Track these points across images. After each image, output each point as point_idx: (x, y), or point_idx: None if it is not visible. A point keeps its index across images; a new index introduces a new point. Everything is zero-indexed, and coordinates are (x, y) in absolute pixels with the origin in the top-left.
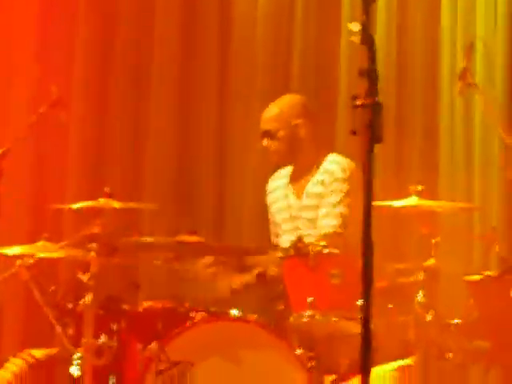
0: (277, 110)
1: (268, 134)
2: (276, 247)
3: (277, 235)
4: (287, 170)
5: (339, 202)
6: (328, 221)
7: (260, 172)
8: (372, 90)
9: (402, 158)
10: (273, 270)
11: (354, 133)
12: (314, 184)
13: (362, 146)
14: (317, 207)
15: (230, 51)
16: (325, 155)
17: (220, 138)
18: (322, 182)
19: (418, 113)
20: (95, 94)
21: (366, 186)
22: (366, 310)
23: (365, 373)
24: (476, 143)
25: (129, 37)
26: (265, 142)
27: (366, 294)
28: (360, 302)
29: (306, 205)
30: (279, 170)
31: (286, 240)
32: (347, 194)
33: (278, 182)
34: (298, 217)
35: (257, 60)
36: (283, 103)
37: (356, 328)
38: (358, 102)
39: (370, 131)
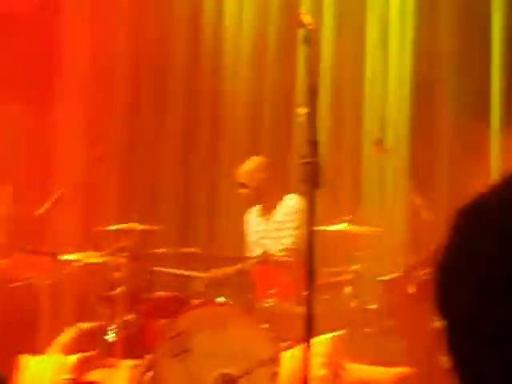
0: (246, 168)
1: (241, 185)
2: (248, 257)
3: (250, 250)
4: (257, 207)
5: (295, 228)
6: (287, 240)
7: (241, 205)
8: (313, 152)
9: (337, 198)
10: (249, 268)
11: (302, 181)
12: (278, 215)
13: (307, 190)
14: (280, 230)
15: (219, 125)
16: (283, 195)
17: (213, 180)
18: (285, 213)
19: (347, 168)
20: (126, 156)
21: (309, 216)
22: (309, 298)
23: (308, 339)
24: (388, 188)
25: (148, 114)
26: (241, 190)
27: (310, 288)
28: (305, 293)
29: (273, 228)
30: (252, 207)
31: (256, 252)
32: (301, 221)
33: (252, 216)
34: (265, 237)
35: (238, 127)
36: (250, 163)
37: (303, 310)
38: (304, 160)
39: (312, 180)
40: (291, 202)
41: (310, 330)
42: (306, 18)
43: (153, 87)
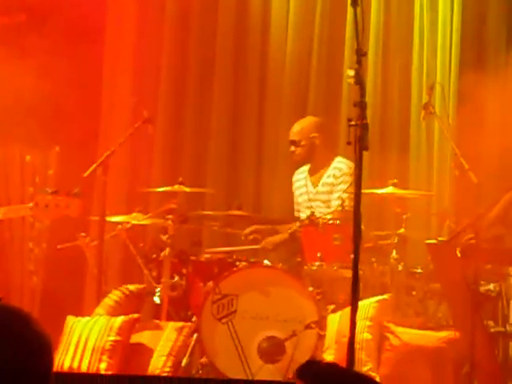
0: (299, 127)
1: (294, 143)
2: (296, 218)
3: (298, 211)
4: (306, 167)
5: (345, 190)
6: (336, 202)
7: (287, 167)
8: (362, 115)
9: (384, 160)
10: (298, 231)
11: (349, 143)
12: (327, 177)
13: (355, 152)
14: (330, 192)
15: (267, 88)
16: (333, 157)
17: (259, 142)
18: (334, 176)
19: (395, 131)
20: (172, 115)
21: (356, 178)
22: (356, 262)
23: (354, 303)
24: (435, 151)
25: (195, 77)
26: (292, 148)
27: (356, 251)
28: (352, 256)
29: (322, 191)
30: (301, 167)
31: (303, 214)
32: (350, 184)
33: (300, 175)
34: (313, 199)
35: (285, 91)
36: (304, 122)
37: (349, 274)
38: (352, 123)
39: (360, 143)
40: (340, 165)
41: (356, 293)
42: None
43: (200, 47)
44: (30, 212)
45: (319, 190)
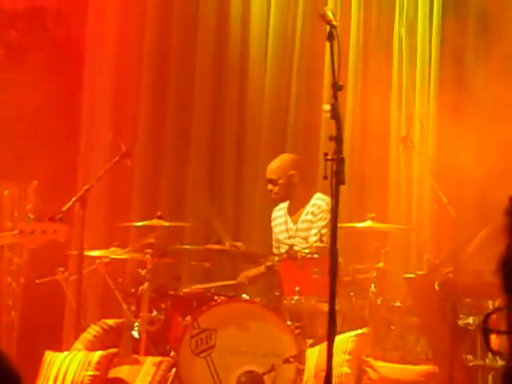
0: (277, 165)
1: (271, 181)
2: (275, 253)
3: (278, 247)
4: (285, 204)
5: (323, 226)
6: (314, 237)
7: (266, 202)
8: (338, 149)
9: (362, 194)
10: (276, 266)
11: (325, 178)
12: (306, 214)
13: (331, 187)
14: (308, 229)
15: (246, 123)
16: (312, 194)
17: (238, 177)
18: (312, 213)
19: (374, 164)
20: (151, 149)
21: (333, 213)
22: (333, 295)
23: (331, 337)
24: (413, 184)
25: (174, 111)
26: (269, 186)
27: (333, 284)
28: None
29: (301, 228)
30: (279, 204)
31: (283, 250)
32: (329, 221)
33: (279, 213)
34: (294, 236)
35: (263, 126)
36: (281, 159)
37: (327, 308)
38: (329, 157)
39: (336, 177)
40: (319, 202)
41: (333, 327)
42: (330, 14)
43: (179, 83)
44: (14, 239)
45: (299, 227)
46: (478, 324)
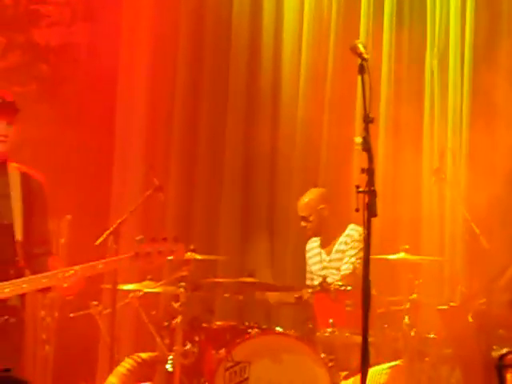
0: (306, 200)
1: (303, 218)
2: (309, 286)
3: (311, 279)
4: (318, 238)
5: (354, 255)
6: (346, 266)
7: (299, 234)
8: (370, 181)
9: (394, 226)
10: (307, 296)
11: (357, 210)
12: (339, 244)
13: (363, 219)
14: (341, 259)
15: (278, 156)
16: (346, 225)
17: (271, 209)
18: (345, 243)
19: (407, 196)
20: (184, 182)
21: (365, 245)
22: (366, 328)
23: (364, 369)
24: (446, 215)
25: (206, 145)
26: (302, 223)
27: (366, 317)
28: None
29: (335, 258)
30: (313, 238)
31: (316, 282)
32: (360, 250)
33: (313, 244)
34: (327, 267)
35: (295, 162)
36: (310, 195)
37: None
38: (360, 189)
39: (368, 209)
40: (352, 232)
41: (366, 360)
42: (361, 47)
43: (211, 118)
44: (132, 262)
45: (332, 258)
46: None
